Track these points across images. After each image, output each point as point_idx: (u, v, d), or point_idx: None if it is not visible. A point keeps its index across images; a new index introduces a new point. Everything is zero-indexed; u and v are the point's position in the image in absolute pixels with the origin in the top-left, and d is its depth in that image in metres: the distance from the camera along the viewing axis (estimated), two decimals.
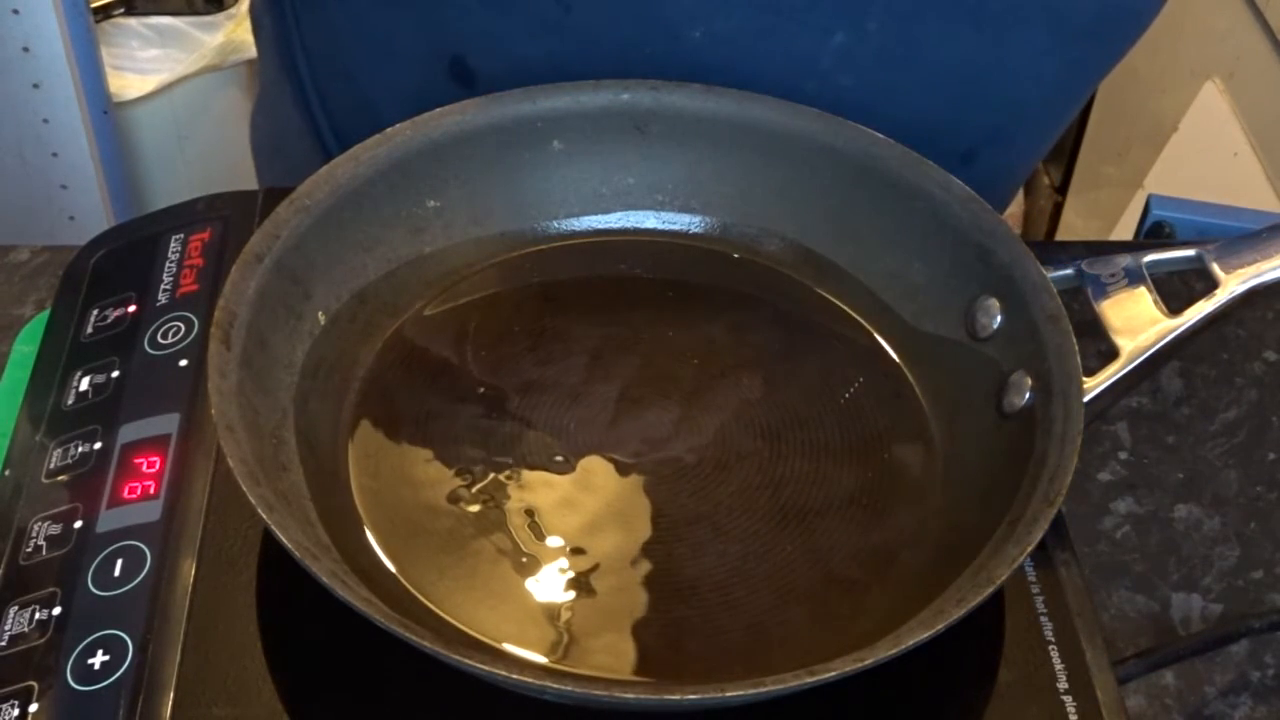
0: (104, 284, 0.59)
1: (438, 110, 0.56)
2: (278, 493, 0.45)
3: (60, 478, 0.51)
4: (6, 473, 0.52)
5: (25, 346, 0.59)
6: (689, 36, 0.60)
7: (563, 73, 0.59)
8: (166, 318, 0.56)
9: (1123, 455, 0.61)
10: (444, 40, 0.65)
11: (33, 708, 0.44)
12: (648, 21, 0.60)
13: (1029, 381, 0.50)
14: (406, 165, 0.56)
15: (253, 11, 0.78)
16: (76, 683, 0.44)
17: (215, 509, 0.49)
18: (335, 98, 0.73)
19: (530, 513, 0.50)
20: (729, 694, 0.40)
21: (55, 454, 0.52)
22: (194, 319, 0.56)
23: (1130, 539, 0.58)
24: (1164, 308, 0.51)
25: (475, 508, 0.50)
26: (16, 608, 0.47)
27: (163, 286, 0.57)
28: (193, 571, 0.47)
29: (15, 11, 1.30)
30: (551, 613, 0.47)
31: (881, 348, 0.56)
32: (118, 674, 0.45)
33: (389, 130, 0.55)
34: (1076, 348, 0.49)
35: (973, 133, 0.65)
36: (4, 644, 0.46)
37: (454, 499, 0.50)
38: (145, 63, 1.49)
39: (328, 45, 0.72)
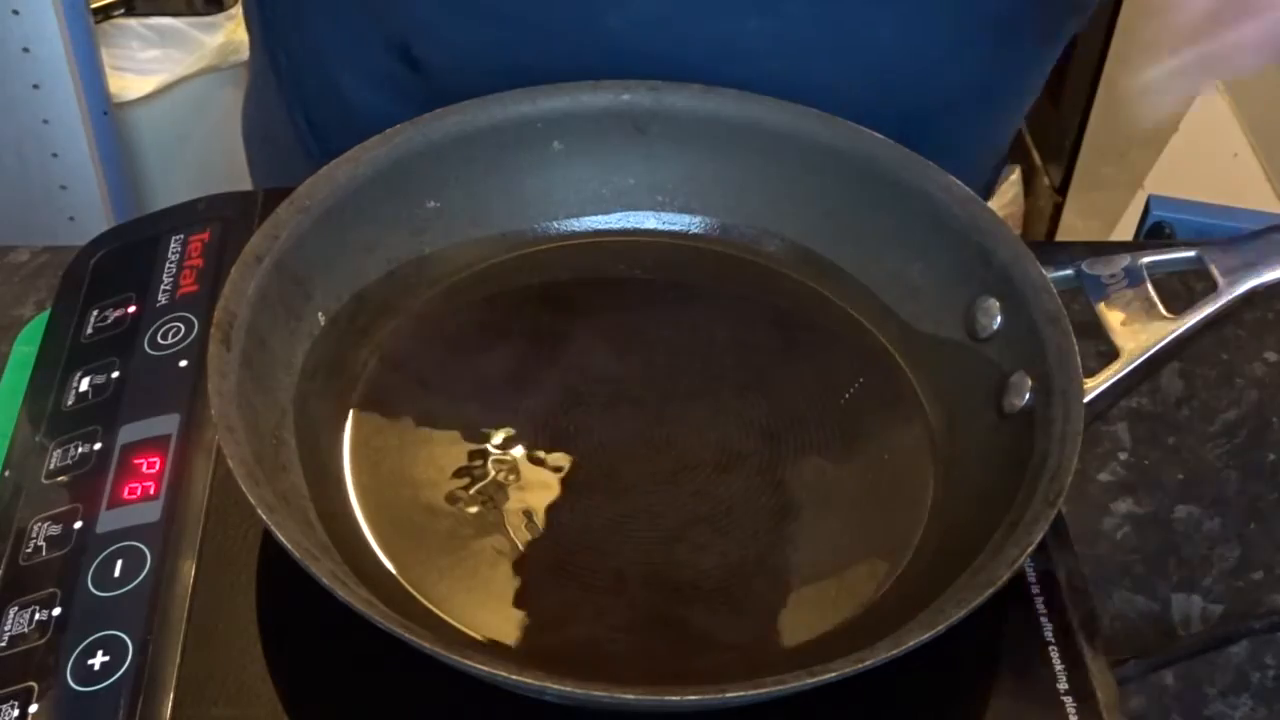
0: (104, 284, 0.59)
1: (438, 110, 0.56)
2: (278, 493, 0.45)
3: (60, 478, 0.51)
4: (6, 473, 0.52)
5: (25, 347, 0.59)
6: (607, 23, 0.61)
7: (496, 61, 0.61)
8: (166, 318, 0.56)
9: (1123, 456, 0.61)
10: (390, 29, 0.66)
11: (33, 708, 0.44)
12: (568, 8, 0.61)
13: (1029, 382, 0.50)
14: (406, 166, 0.56)
15: (244, 2, 0.79)
16: (76, 683, 0.44)
17: (215, 509, 0.49)
18: (308, 83, 0.74)
19: (529, 513, 0.49)
20: (729, 694, 0.40)
21: (55, 454, 0.52)
22: (194, 319, 0.56)
23: (1130, 540, 0.58)
24: (1164, 308, 0.51)
25: (474, 508, 0.50)
26: (16, 608, 0.47)
27: (163, 287, 0.57)
28: (193, 572, 0.47)
29: (15, 12, 1.30)
30: (551, 613, 0.47)
31: (882, 347, 0.56)
32: (118, 674, 0.45)
33: (389, 130, 0.55)
34: (1076, 348, 0.49)
35: (902, 121, 0.65)
36: (4, 644, 0.46)
37: (453, 499, 0.50)
38: (145, 63, 1.49)
39: (299, 28, 0.73)
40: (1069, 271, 0.54)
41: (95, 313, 0.57)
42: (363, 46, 0.68)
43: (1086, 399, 0.48)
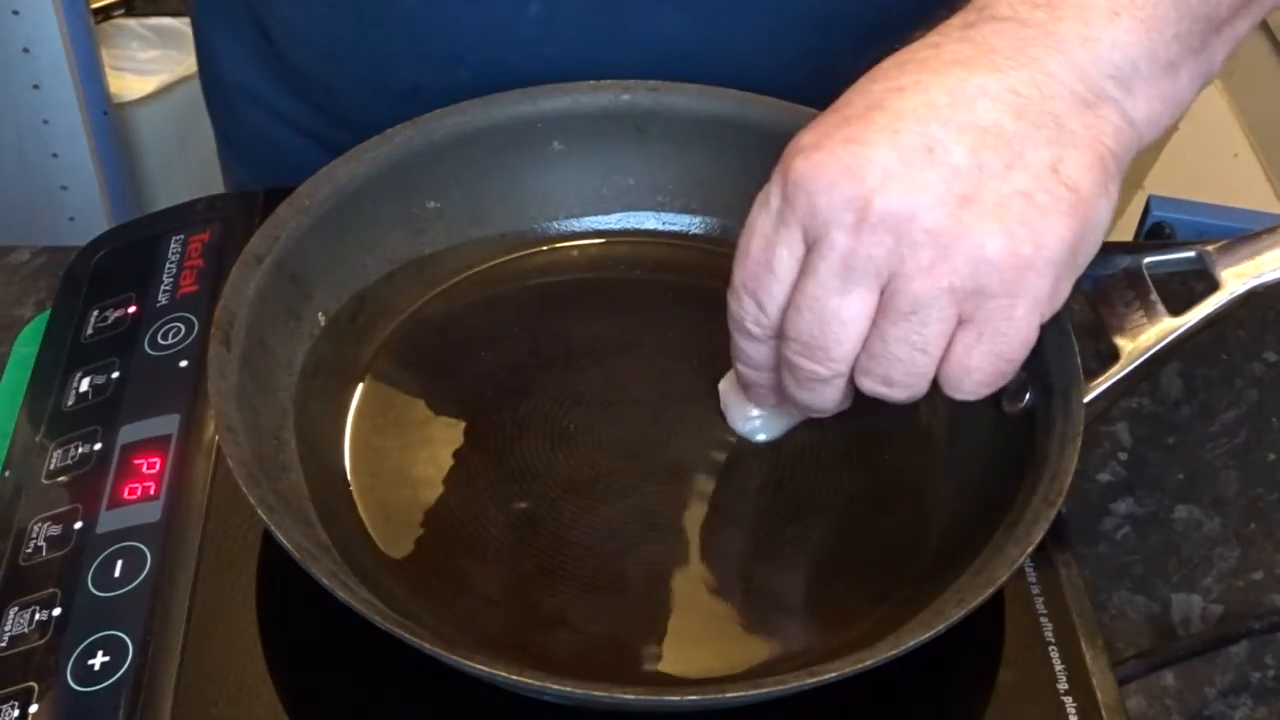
0: (104, 285, 0.59)
1: (438, 110, 0.56)
2: (278, 493, 0.45)
3: (60, 478, 0.51)
4: (7, 474, 0.52)
5: (25, 347, 0.59)
6: (401, 3, 0.62)
7: (322, 35, 0.64)
8: (166, 318, 0.56)
9: (1123, 456, 0.61)
10: (250, 5, 0.68)
11: (33, 708, 0.44)
12: None
13: (1029, 382, 0.50)
14: (406, 166, 0.56)
15: None
16: (77, 683, 0.44)
17: (215, 510, 0.49)
18: (203, 63, 0.76)
19: (529, 513, 0.49)
20: (729, 695, 0.40)
21: (55, 455, 0.52)
22: (194, 320, 0.56)
23: (1130, 539, 0.58)
24: (1164, 308, 0.51)
25: (475, 508, 0.50)
26: (17, 608, 0.47)
27: (163, 287, 0.57)
28: (193, 572, 0.47)
29: (15, 13, 1.30)
30: (551, 613, 0.47)
31: None
32: (118, 675, 0.45)
33: (389, 131, 0.55)
34: (1076, 348, 0.49)
35: None
36: (4, 645, 0.46)
37: (454, 499, 0.50)
38: (145, 63, 1.49)
39: (193, 19, 0.76)
40: None
41: (95, 313, 0.57)
42: (232, 18, 0.70)
43: (1086, 399, 0.48)
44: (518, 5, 0.61)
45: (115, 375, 0.54)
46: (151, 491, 0.50)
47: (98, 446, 0.51)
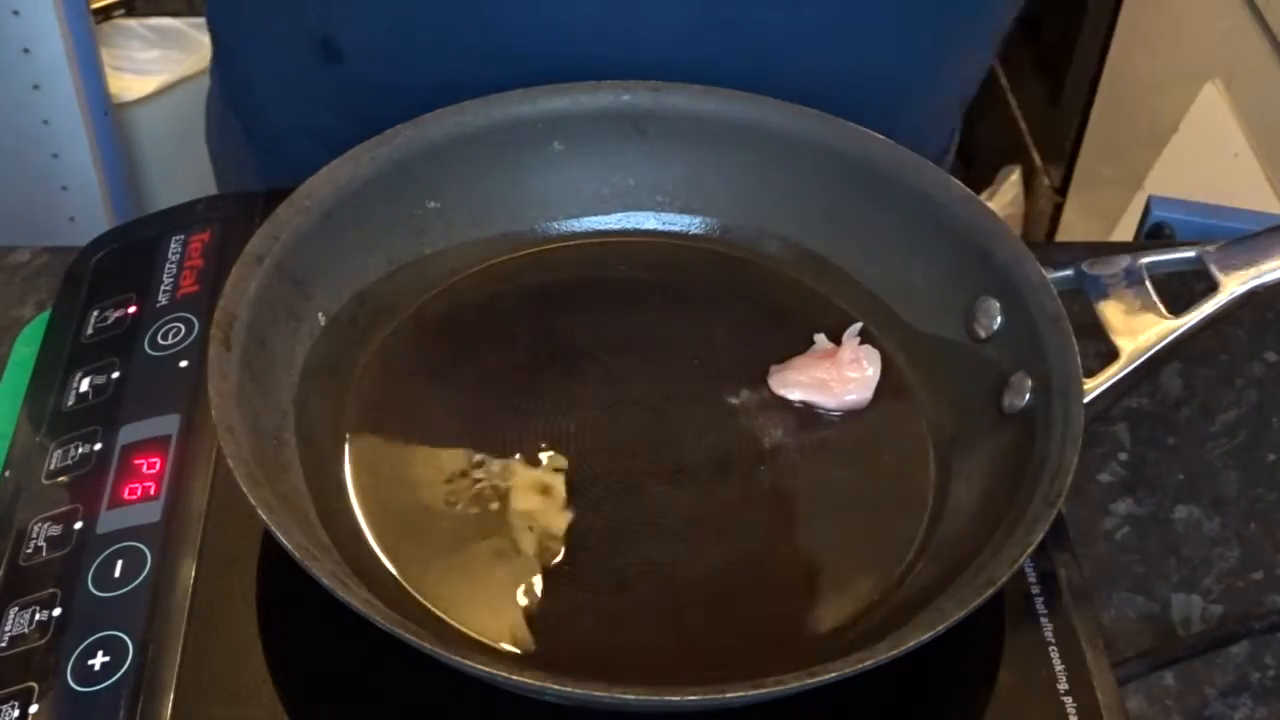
0: (104, 285, 0.59)
1: (438, 111, 0.56)
2: (278, 494, 0.45)
3: (60, 479, 0.51)
4: (7, 474, 0.52)
5: (26, 348, 0.59)
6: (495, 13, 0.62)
7: (406, 42, 0.63)
8: (167, 319, 0.56)
9: (1123, 456, 0.61)
10: (310, 20, 0.67)
11: (33, 709, 0.44)
12: None
13: (1029, 382, 0.50)
14: (406, 166, 0.56)
15: None
16: (77, 684, 0.44)
17: (215, 510, 0.49)
18: (230, 84, 0.75)
19: (529, 514, 0.49)
20: (729, 695, 0.40)
21: (55, 455, 0.52)
22: (194, 320, 0.56)
23: (1130, 540, 0.58)
24: (1164, 309, 0.51)
25: (475, 509, 0.50)
26: (17, 608, 0.47)
27: (163, 287, 0.57)
28: (193, 572, 0.47)
29: (15, 13, 1.30)
30: (552, 614, 0.47)
31: (882, 348, 0.56)
32: (118, 675, 0.45)
33: (388, 131, 0.55)
34: (1077, 348, 0.49)
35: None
36: (4, 645, 0.46)
37: (453, 500, 0.50)
38: (145, 64, 1.49)
39: (221, 29, 0.75)
40: (1069, 272, 0.54)
41: (95, 313, 0.57)
42: (275, 39, 0.69)
43: (1086, 399, 0.48)
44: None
45: (115, 375, 0.54)
46: (151, 491, 0.50)
47: (98, 446, 0.51)
